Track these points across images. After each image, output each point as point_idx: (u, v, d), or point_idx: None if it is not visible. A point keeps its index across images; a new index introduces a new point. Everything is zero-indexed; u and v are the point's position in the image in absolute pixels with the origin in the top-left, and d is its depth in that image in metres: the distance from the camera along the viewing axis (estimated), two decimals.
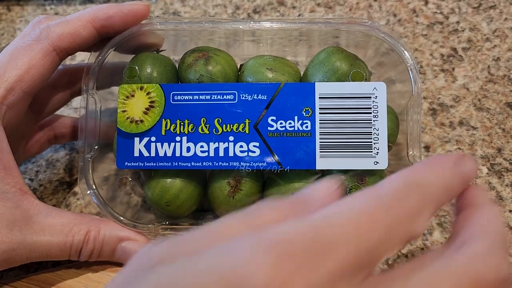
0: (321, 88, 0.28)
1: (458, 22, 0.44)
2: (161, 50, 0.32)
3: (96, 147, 0.29)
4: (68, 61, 0.41)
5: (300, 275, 0.14)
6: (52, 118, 0.33)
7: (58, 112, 0.33)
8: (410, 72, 0.29)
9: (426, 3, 0.46)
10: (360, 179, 0.27)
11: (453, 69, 0.40)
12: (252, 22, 0.31)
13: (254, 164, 0.27)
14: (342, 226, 0.15)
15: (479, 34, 0.43)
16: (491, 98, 0.38)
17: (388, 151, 0.28)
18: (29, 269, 0.29)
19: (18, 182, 0.26)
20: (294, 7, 0.46)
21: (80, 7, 0.46)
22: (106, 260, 0.27)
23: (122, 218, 0.28)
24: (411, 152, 0.28)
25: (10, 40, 0.43)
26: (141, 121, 0.28)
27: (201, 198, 0.30)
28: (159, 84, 0.29)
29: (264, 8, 0.46)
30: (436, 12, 0.45)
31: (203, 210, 0.33)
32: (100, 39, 0.29)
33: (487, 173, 0.33)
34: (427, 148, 0.35)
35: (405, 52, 0.29)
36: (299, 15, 0.45)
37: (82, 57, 0.42)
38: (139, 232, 0.28)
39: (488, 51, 0.41)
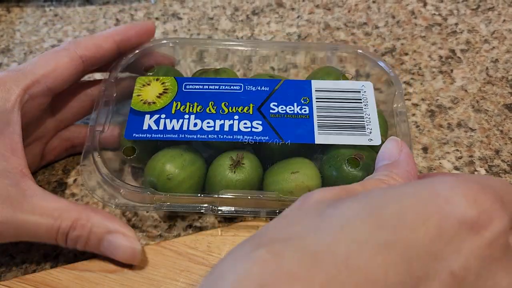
0: (317, 84, 0.32)
1: (456, 24, 0.44)
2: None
3: (107, 125, 0.31)
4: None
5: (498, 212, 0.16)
6: (70, 127, 0.34)
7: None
8: (392, 79, 0.33)
9: (425, 4, 0.46)
10: (359, 156, 0.28)
11: (452, 70, 0.40)
12: (252, 45, 0.36)
13: (256, 137, 0.29)
14: None
15: (478, 35, 0.43)
16: (489, 100, 0.38)
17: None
18: (27, 270, 0.29)
19: (21, 164, 0.27)
20: (293, 9, 0.46)
21: (79, 8, 0.46)
22: (93, 251, 0.27)
23: (122, 190, 0.28)
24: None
25: (10, 41, 0.43)
26: (154, 102, 0.31)
27: (202, 182, 0.30)
28: (174, 77, 0.32)
29: (263, 9, 0.46)
30: (434, 14, 0.45)
31: None
32: (118, 54, 0.33)
33: (485, 175, 0.33)
34: (425, 149, 0.35)
35: (386, 67, 0.34)
36: (298, 17, 0.45)
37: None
38: (126, 226, 0.28)
39: (487, 53, 0.41)
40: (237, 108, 0.30)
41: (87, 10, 0.46)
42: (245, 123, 0.29)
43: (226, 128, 0.29)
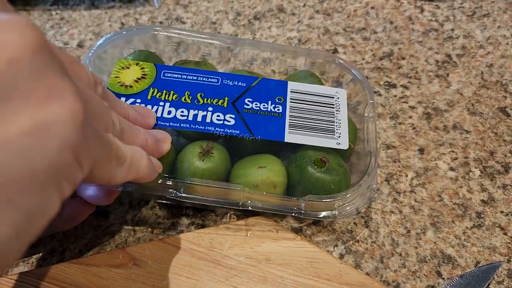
0: (293, 85, 0.32)
1: (452, 30, 0.45)
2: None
3: None
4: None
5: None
6: None
7: None
8: (365, 88, 0.33)
9: (422, 10, 0.47)
10: (325, 159, 0.29)
11: (448, 74, 0.41)
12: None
13: (228, 130, 0.29)
14: None
15: (473, 41, 0.44)
16: (484, 103, 0.39)
17: (350, 150, 0.31)
18: (33, 265, 0.30)
19: None
20: (293, 14, 0.47)
21: (85, 12, 0.47)
22: None
23: None
24: (367, 147, 0.31)
25: None
26: (131, 86, 0.31)
27: (170, 168, 0.30)
28: (153, 64, 0.32)
29: (264, 14, 0.47)
30: (431, 20, 0.46)
31: None
32: None
33: (480, 175, 0.34)
34: (421, 150, 0.36)
35: (359, 76, 0.34)
36: (298, 22, 0.46)
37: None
38: None
39: (482, 58, 0.43)
40: (212, 100, 0.31)
41: (93, 14, 0.47)
42: (218, 116, 0.30)
43: (199, 119, 0.30)
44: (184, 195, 0.28)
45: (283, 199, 0.28)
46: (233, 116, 0.30)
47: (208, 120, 0.30)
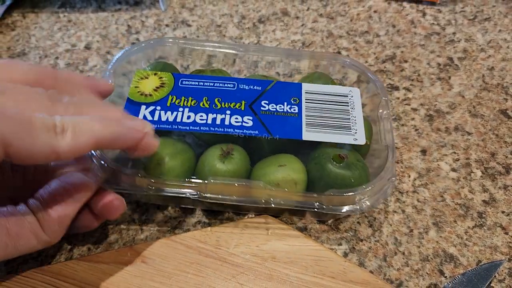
0: (307, 87, 0.33)
1: (454, 33, 0.46)
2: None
3: None
4: (81, 66, 0.43)
5: None
6: None
7: None
8: (377, 86, 0.34)
9: (424, 14, 0.48)
10: (344, 155, 0.29)
11: (449, 77, 0.42)
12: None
13: (246, 131, 0.30)
14: None
15: (475, 44, 0.45)
16: (485, 105, 0.40)
17: (367, 146, 0.32)
18: (42, 262, 0.31)
19: None
20: (297, 17, 0.48)
21: (92, 14, 0.48)
22: None
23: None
24: (384, 141, 0.31)
25: (25, 46, 0.45)
26: (150, 95, 0.32)
27: (191, 172, 0.31)
28: (171, 73, 0.34)
29: (268, 18, 0.48)
30: (433, 24, 0.47)
31: None
32: None
33: (481, 176, 0.35)
34: (423, 152, 0.36)
35: (370, 75, 0.35)
36: (302, 25, 0.47)
37: (94, 62, 0.43)
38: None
39: (483, 61, 0.43)
40: (229, 104, 0.31)
41: (100, 16, 0.48)
42: (236, 118, 0.31)
43: (218, 122, 0.30)
44: (208, 195, 0.28)
45: (304, 196, 0.29)
46: (251, 118, 0.31)
47: (226, 122, 0.30)
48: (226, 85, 0.33)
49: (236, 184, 0.29)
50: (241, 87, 0.33)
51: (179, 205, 0.33)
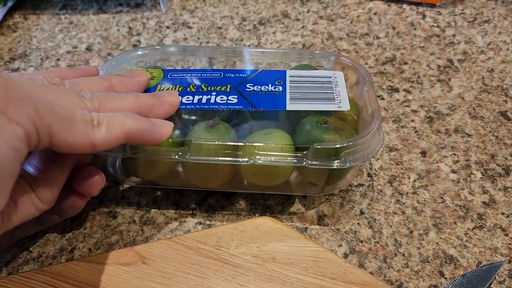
0: (292, 72, 0.34)
1: (454, 35, 0.46)
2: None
3: None
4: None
5: None
6: None
7: None
8: (363, 73, 0.34)
9: (424, 16, 0.48)
10: (327, 119, 0.30)
11: (449, 79, 0.42)
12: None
13: (231, 107, 0.31)
14: None
15: (474, 46, 0.45)
16: (485, 107, 0.40)
17: (353, 121, 0.32)
18: (43, 263, 0.31)
19: None
20: (297, 20, 0.48)
21: (94, 16, 0.48)
22: None
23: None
24: (370, 111, 0.31)
25: (27, 47, 0.45)
26: None
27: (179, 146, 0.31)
28: (161, 69, 0.35)
29: (269, 20, 0.48)
30: (433, 26, 0.47)
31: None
32: None
33: (481, 178, 0.35)
34: (423, 153, 0.37)
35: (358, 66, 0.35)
36: (302, 27, 0.47)
37: (95, 64, 0.44)
38: None
39: (483, 63, 0.43)
40: (215, 87, 0.33)
41: (101, 18, 0.48)
42: (221, 97, 0.32)
43: (204, 101, 0.31)
44: (192, 157, 0.29)
45: (290, 152, 0.29)
46: (236, 96, 0.32)
47: (212, 101, 0.31)
48: (213, 75, 0.34)
49: (220, 143, 0.29)
50: (227, 75, 0.34)
51: (166, 185, 0.34)
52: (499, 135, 0.38)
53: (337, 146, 0.28)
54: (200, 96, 0.32)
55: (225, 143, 0.29)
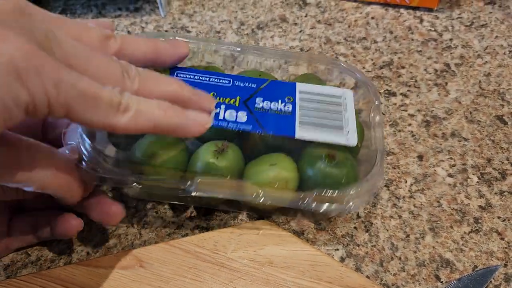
0: (301, 86, 0.33)
1: (451, 39, 0.46)
2: None
3: None
4: None
5: None
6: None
7: None
8: (370, 90, 0.34)
9: (421, 21, 0.48)
10: (333, 154, 0.30)
11: (446, 83, 0.42)
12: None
13: (240, 126, 0.30)
14: None
15: (471, 51, 0.45)
16: (482, 111, 0.40)
17: (357, 148, 0.32)
18: (41, 267, 0.31)
19: None
20: (295, 24, 0.48)
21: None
22: None
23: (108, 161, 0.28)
24: (373, 146, 0.32)
25: None
26: None
27: (185, 166, 0.31)
28: (168, 69, 0.33)
29: (267, 24, 0.48)
30: (430, 30, 0.47)
31: None
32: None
33: (477, 182, 0.35)
34: (420, 157, 0.37)
35: (366, 80, 0.35)
36: (300, 31, 0.47)
37: None
38: None
39: (480, 67, 0.44)
40: (224, 99, 0.31)
41: None
42: (230, 113, 0.31)
43: (213, 116, 0.30)
44: (197, 193, 0.28)
45: (292, 195, 0.29)
46: (245, 113, 0.31)
47: (221, 116, 0.30)
48: (221, 81, 0.33)
49: (224, 183, 0.29)
50: (236, 84, 0.33)
51: (167, 201, 0.33)
52: (495, 139, 0.38)
53: (340, 193, 0.28)
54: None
55: (230, 183, 0.29)
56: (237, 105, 0.31)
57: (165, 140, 0.30)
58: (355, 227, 0.33)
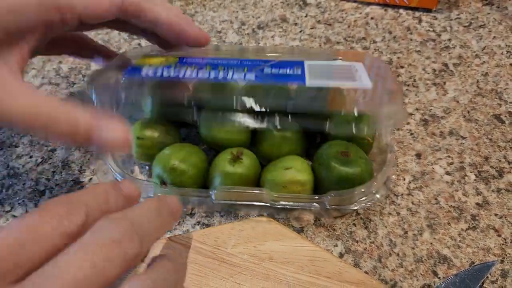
0: (310, 62, 0.34)
1: (449, 40, 0.47)
2: None
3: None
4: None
5: None
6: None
7: None
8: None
9: (420, 21, 0.49)
10: (345, 153, 0.31)
11: (444, 83, 0.43)
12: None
13: (249, 81, 0.31)
14: None
15: (469, 51, 0.46)
16: (480, 110, 0.40)
17: (370, 146, 0.33)
18: None
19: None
20: (296, 24, 0.49)
21: None
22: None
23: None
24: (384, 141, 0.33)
25: None
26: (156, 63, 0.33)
27: (204, 173, 0.32)
28: (178, 57, 0.34)
29: (267, 24, 0.49)
30: (429, 30, 0.48)
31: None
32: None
33: (475, 180, 0.36)
34: (418, 155, 0.37)
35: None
36: (300, 31, 0.48)
37: (97, 67, 0.44)
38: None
39: (477, 67, 0.44)
40: (232, 68, 0.32)
41: None
42: (239, 75, 0.31)
43: (220, 76, 0.31)
44: (216, 202, 0.31)
45: (307, 198, 0.31)
46: (254, 75, 0.31)
47: (229, 77, 0.31)
48: (229, 61, 0.34)
49: (242, 192, 0.31)
50: (244, 62, 0.34)
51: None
52: (493, 137, 0.38)
53: (355, 192, 0.30)
54: (217, 73, 0.32)
55: (246, 191, 0.31)
56: (245, 71, 0.32)
57: (182, 150, 0.32)
58: (354, 224, 0.33)
